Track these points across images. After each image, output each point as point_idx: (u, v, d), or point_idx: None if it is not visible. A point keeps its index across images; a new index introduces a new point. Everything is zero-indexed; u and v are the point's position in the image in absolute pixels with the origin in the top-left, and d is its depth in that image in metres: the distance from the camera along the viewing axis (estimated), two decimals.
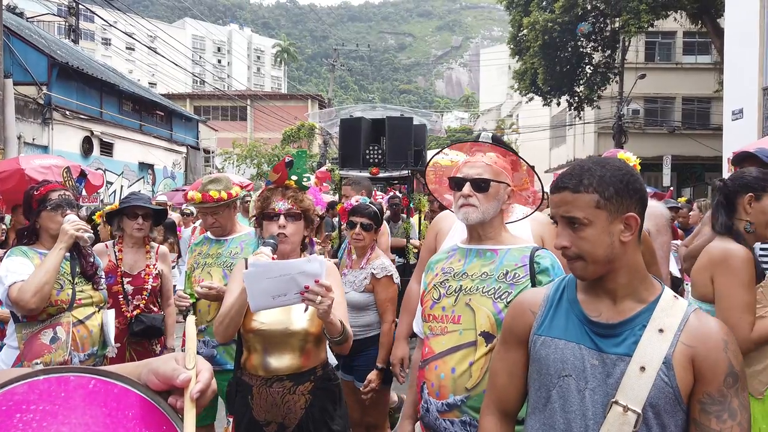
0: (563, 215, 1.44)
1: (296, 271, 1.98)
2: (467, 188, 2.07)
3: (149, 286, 3.54)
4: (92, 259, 3.05)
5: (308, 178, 2.54)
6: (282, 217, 2.37)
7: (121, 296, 3.45)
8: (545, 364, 1.47)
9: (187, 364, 0.91)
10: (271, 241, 2.30)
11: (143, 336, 3.47)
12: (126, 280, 3.50)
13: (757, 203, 2.29)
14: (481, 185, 2.08)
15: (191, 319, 1.03)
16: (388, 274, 3.44)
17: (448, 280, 2.09)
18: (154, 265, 3.61)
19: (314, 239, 3.38)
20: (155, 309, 3.60)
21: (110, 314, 3.07)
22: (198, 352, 3.22)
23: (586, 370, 1.41)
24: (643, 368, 1.34)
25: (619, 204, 1.40)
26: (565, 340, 1.46)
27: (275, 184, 2.46)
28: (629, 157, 3.29)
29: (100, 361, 3.00)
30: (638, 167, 2.91)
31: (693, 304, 1.46)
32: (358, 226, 3.47)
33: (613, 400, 1.35)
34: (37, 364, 2.68)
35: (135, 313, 3.45)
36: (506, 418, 1.63)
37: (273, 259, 2.19)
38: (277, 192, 2.43)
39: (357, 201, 3.62)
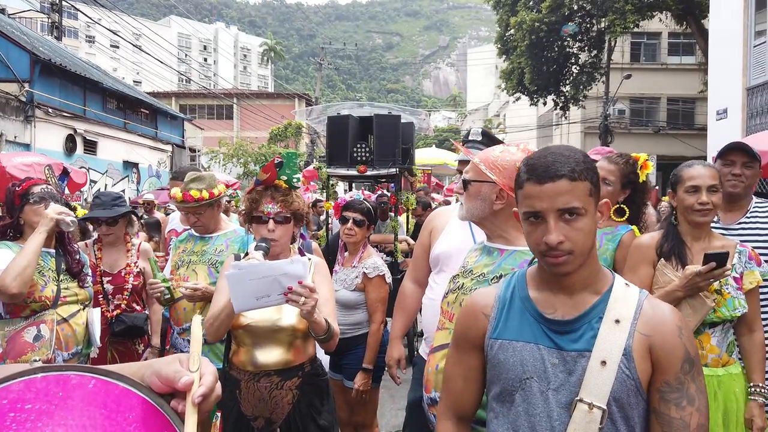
0: (561, 207, 1.31)
1: (279, 272, 2.00)
2: (458, 186, 2.09)
3: (130, 285, 3.47)
4: (78, 256, 3.00)
5: (298, 179, 2.49)
6: (271, 222, 2.36)
7: (101, 296, 3.38)
8: (504, 368, 1.41)
9: (191, 367, 0.88)
10: (263, 245, 2.29)
11: (124, 336, 3.40)
12: (106, 279, 3.43)
13: (676, 196, 2.49)
14: (465, 185, 2.08)
15: (197, 319, 0.99)
16: (381, 273, 3.40)
17: (459, 275, 2.06)
18: (135, 263, 3.54)
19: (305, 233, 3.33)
20: (138, 308, 3.53)
21: (96, 313, 3.02)
22: (183, 352, 3.19)
23: (547, 370, 1.36)
24: (603, 362, 1.31)
25: (597, 191, 1.38)
26: (523, 342, 1.40)
27: (264, 184, 2.43)
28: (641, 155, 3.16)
29: (84, 361, 2.94)
30: (649, 166, 2.87)
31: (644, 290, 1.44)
32: (351, 221, 3.45)
33: (578, 398, 1.31)
34: (36, 361, 2.61)
35: (115, 312, 3.38)
36: (462, 421, 1.58)
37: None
38: (266, 194, 2.39)
39: (351, 197, 3.59)
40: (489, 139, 2.86)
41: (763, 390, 2.36)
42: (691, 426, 1.31)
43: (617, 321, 1.34)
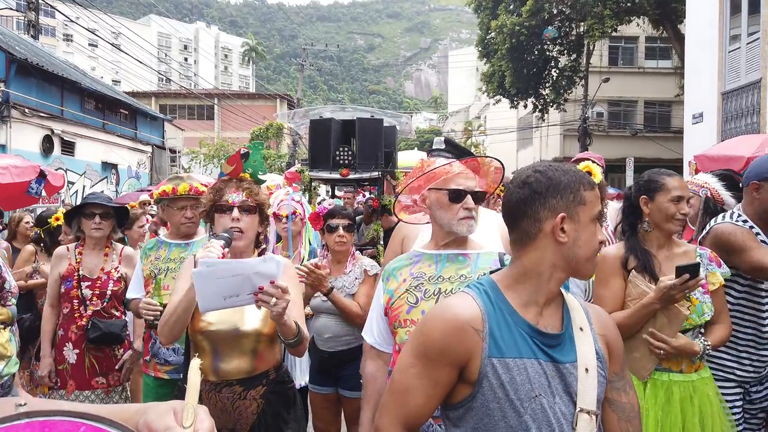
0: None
1: (251, 271, 1.89)
2: (471, 201, 2.04)
3: (109, 291, 3.40)
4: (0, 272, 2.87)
5: (264, 171, 2.45)
6: (236, 210, 2.24)
7: (76, 301, 3.32)
8: (512, 388, 1.32)
9: (184, 422, 0.80)
10: (225, 234, 2.16)
11: (101, 342, 3.34)
12: (85, 284, 3.36)
13: (652, 203, 2.44)
14: (478, 197, 2.07)
15: (195, 363, 0.91)
16: (378, 271, 3.28)
17: (423, 284, 2.03)
18: (116, 268, 3.47)
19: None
20: (117, 314, 3.46)
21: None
22: (167, 361, 3.14)
23: (551, 385, 1.35)
24: (586, 369, 1.36)
25: None
26: (525, 358, 1.35)
27: (229, 176, 2.36)
28: (592, 166, 3.25)
29: (9, 380, 2.85)
30: (598, 177, 2.96)
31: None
32: (340, 227, 3.29)
33: (578, 409, 1.34)
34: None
35: (89, 313, 3.32)
36: None
37: (225, 252, 2.06)
38: (231, 184, 2.31)
39: (330, 204, 3.52)
40: (453, 147, 2.87)
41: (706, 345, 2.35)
42: (635, 407, 1.47)
43: (581, 329, 1.41)
